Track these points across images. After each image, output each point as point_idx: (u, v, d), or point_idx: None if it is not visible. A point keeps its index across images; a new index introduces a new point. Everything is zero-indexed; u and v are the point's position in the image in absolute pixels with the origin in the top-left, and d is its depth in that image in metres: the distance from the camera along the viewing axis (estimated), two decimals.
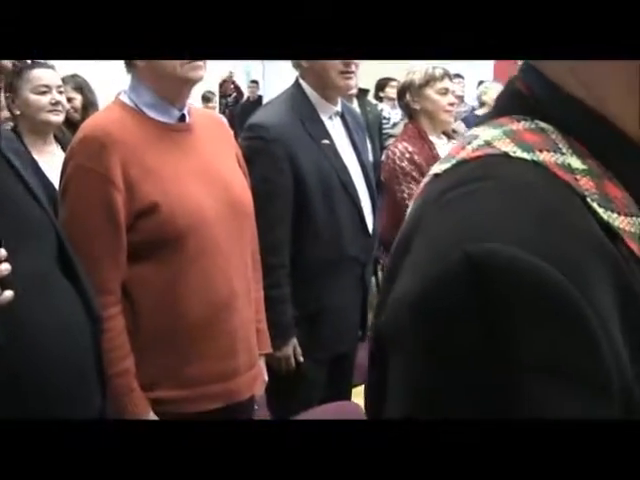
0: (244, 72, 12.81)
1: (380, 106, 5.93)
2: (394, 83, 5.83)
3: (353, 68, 2.12)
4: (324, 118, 2.17)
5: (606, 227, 0.54)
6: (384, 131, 5.19)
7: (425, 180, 0.62)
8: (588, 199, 0.54)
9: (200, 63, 1.68)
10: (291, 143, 2.06)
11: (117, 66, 1.75)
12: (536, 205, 0.52)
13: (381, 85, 6.71)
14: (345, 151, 2.18)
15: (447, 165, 0.59)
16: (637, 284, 0.53)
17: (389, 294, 0.55)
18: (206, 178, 1.70)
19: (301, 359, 2.15)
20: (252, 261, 1.85)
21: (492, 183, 0.54)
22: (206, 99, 7.96)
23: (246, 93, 10.71)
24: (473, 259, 0.48)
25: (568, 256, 0.49)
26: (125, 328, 1.62)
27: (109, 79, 3.31)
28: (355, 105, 4.90)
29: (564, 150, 0.57)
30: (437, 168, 0.61)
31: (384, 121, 5.48)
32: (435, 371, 0.49)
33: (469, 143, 0.60)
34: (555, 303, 0.47)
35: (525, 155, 0.56)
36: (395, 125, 5.23)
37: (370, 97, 6.11)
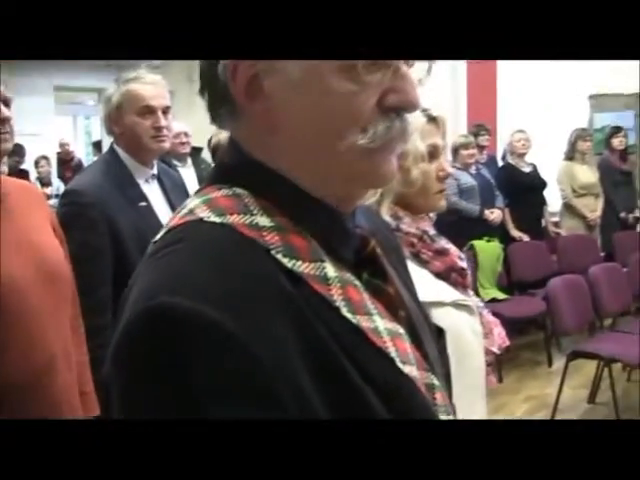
0: (84, 132, 12.56)
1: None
2: None
3: (165, 132, 2.23)
4: (140, 181, 2.25)
5: (290, 274, 0.63)
6: None
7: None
8: (272, 251, 0.63)
9: (6, 136, 1.73)
10: (107, 206, 2.11)
11: None
12: (217, 260, 0.61)
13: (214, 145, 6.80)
14: (162, 212, 2.25)
15: (162, 233, 0.68)
16: (318, 319, 0.62)
17: None
18: (18, 247, 1.72)
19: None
20: (73, 325, 1.88)
21: (183, 245, 0.63)
22: (40, 165, 7.79)
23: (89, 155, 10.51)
24: (149, 311, 0.57)
25: (237, 300, 0.58)
26: None
27: None
28: (189, 164, 5.00)
29: (255, 211, 0.65)
30: (157, 236, 0.69)
31: None
32: (127, 413, 0.57)
33: (179, 212, 0.69)
34: (217, 340, 0.55)
35: (216, 219, 0.64)
36: None
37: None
